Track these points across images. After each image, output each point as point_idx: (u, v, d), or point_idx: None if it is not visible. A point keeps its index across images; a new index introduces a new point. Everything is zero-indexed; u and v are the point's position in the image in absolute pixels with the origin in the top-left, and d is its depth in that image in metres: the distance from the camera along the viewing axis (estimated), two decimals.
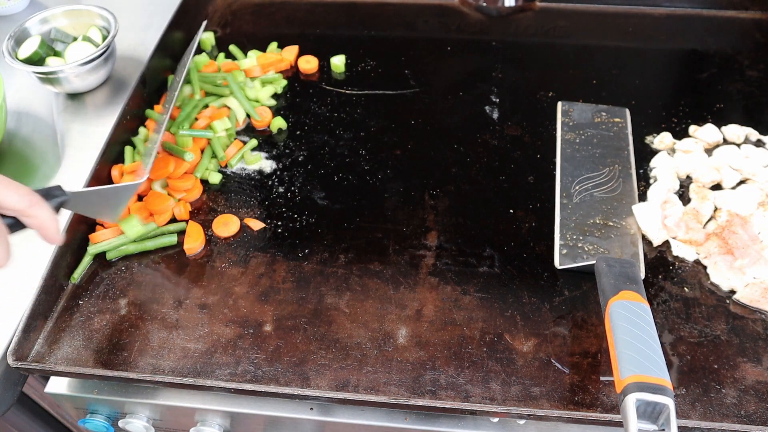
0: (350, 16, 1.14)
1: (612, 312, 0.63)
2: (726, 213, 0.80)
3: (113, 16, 1.00)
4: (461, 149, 0.91)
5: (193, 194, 0.85)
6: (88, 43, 0.99)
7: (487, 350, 0.70)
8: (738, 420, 0.64)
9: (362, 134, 0.94)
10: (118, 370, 0.69)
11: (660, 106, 0.96)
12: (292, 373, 0.68)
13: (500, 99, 0.98)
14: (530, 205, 0.84)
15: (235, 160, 0.90)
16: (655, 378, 0.56)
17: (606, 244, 0.78)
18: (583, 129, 0.92)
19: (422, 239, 0.80)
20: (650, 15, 1.12)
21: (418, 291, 0.75)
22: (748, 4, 1.12)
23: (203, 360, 0.69)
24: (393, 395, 0.66)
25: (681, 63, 1.04)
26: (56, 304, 0.75)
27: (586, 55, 1.06)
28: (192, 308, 0.74)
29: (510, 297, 0.74)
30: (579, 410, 0.65)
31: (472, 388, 0.67)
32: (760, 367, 0.68)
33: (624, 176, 0.85)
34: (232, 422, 0.74)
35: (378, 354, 0.70)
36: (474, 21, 1.12)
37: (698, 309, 0.73)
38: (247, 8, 1.16)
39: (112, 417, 0.77)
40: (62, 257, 0.76)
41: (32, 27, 1.00)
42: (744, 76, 1.01)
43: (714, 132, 0.90)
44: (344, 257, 0.79)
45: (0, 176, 0.57)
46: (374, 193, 0.86)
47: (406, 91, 1.00)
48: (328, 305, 0.74)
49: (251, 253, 0.79)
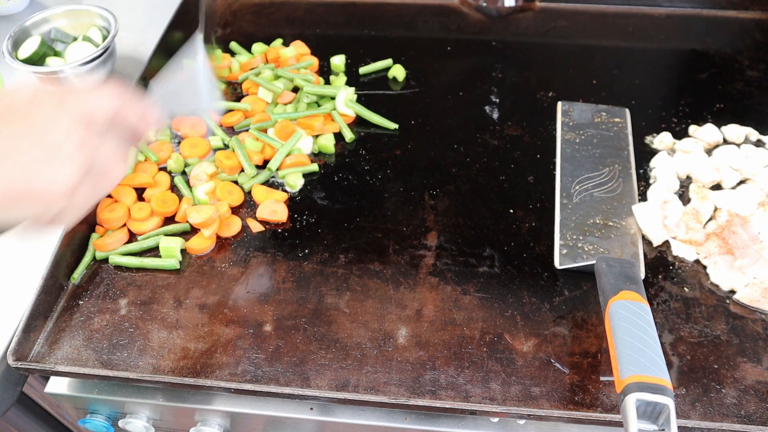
0: (350, 16, 1.14)
1: (612, 312, 0.63)
2: (726, 213, 0.80)
3: (113, 16, 1.00)
4: (461, 149, 0.91)
5: (235, 198, 0.85)
6: (88, 43, 0.99)
7: (487, 350, 0.70)
8: (738, 420, 0.64)
9: (362, 134, 0.94)
10: (118, 370, 0.69)
11: (660, 106, 0.96)
12: (292, 373, 0.68)
13: (500, 99, 0.98)
14: (530, 205, 0.84)
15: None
16: (655, 378, 0.56)
17: (606, 244, 0.78)
18: (583, 129, 0.92)
19: (422, 239, 0.80)
20: (650, 15, 1.12)
21: (418, 291, 0.75)
22: (748, 4, 1.12)
23: (203, 360, 0.69)
24: (393, 395, 0.66)
25: (681, 63, 1.04)
26: (56, 304, 0.75)
27: (586, 55, 1.06)
28: (192, 308, 0.74)
29: (510, 297, 0.74)
30: (579, 410, 0.65)
31: (472, 388, 0.67)
32: (760, 367, 0.68)
33: (624, 176, 0.86)
34: (232, 422, 0.74)
35: (378, 354, 0.70)
36: (474, 21, 1.12)
37: (698, 309, 0.73)
38: (247, 8, 1.16)
39: (112, 417, 0.77)
40: (62, 257, 0.76)
41: (32, 27, 1.00)
42: (744, 76, 1.01)
43: (714, 132, 0.90)
44: (344, 257, 0.79)
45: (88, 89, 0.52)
46: (374, 193, 0.86)
47: (406, 91, 1.00)
48: (328, 305, 0.74)
49: (251, 253, 0.79)
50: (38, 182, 0.47)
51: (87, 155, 0.49)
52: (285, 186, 0.87)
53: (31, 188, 0.47)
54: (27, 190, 0.47)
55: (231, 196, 0.84)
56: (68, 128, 0.49)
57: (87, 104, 0.51)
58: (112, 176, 0.53)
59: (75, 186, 0.49)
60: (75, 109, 0.50)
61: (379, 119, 0.94)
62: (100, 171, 0.51)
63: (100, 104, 0.52)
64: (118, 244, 0.80)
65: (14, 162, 0.47)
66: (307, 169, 0.88)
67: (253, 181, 0.86)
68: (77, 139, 0.49)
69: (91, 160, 0.50)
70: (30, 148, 0.47)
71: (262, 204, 0.84)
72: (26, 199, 0.47)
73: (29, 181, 0.47)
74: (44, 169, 0.47)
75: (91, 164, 0.50)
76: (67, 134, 0.48)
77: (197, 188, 0.84)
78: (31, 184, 0.47)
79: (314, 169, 0.88)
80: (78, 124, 0.49)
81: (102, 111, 0.52)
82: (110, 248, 0.79)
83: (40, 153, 0.47)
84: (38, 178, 0.47)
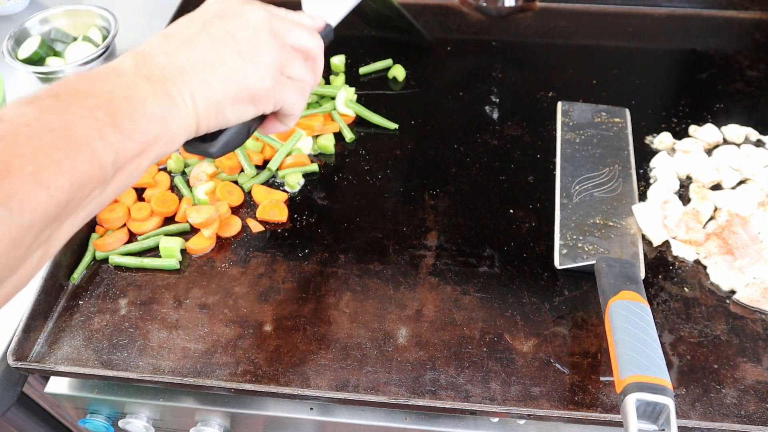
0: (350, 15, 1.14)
1: (612, 312, 0.63)
2: (726, 213, 0.80)
3: (113, 16, 1.00)
4: (461, 149, 0.91)
5: (235, 198, 0.85)
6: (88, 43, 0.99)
7: (487, 350, 0.70)
8: (738, 420, 0.64)
9: (362, 134, 0.93)
10: (118, 370, 0.69)
11: (660, 106, 0.96)
12: (292, 373, 0.68)
13: (500, 99, 0.98)
14: (530, 205, 0.84)
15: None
16: (655, 378, 0.56)
17: (606, 244, 0.78)
18: (583, 129, 0.92)
19: (422, 239, 0.80)
20: (650, 15, 1.12)
21: (418, 291, 0.75)
22: (748, 4, 1.12)
23: (203, 360, 0.69)
24: (393, 395, 0.66)
25: (681, 63, 1.04)
26: (56, 304, 0.75)
27: (586, 55, 1.06)
28: (192, 308, 0.74)
29: (510, 297, 0.74)
30: (579, 410, 0.65)
31: (472, 388, 0.67)
32: (760, 367, 0.68)
33: (624, 176, 0.86)
34: (232, 422, 0.74)
35: (378, 354, 0.70)
36: (474, 21, 1.12)
37: (698, 309, 0.73)
38: None
39: (112, 417, 0.77)
40: (62, 257, 0.76)
41: (32, 27, 1.00)
42: (744, 76, 1.00)
43: (714, 132, 0.90)
44: (344, 257, 0.79)
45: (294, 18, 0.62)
46: (374, 193, 0.86)
47: (406, 91, 1.00)
48: (328, 305, 0.74)
49: (251, 253, 0.79)
50: (250, 79, 0.54)
51: (279, 55, 0.57)
52: (285, 186, 0.87)
53: (246, 85, 0.54)
54: (244, 88, 0.54)
55: (231, 196, 0.84)
56: (264, 36, 0.56)
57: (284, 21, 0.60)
58: (308, 81, 0.62)
59: (277, 80, 0.57)
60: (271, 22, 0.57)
61: (379, 119, 0.94)
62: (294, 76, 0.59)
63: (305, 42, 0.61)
64: (118, 244, 0.80)
65: (231, 65, 0.53)
66: (307, 169, 0.88)
67: (253, 181, 0.86)
68: (270, 41, 0.56)
69: (283, 62, 0.57)
70: (236, 59, 0.54)
71: (262, 204, 0.84)
72: (243, 99, 0.54)
73: (243, 78, 0.54)
74: (248, 69, 0.54)
75: (283, 66, 0.57)
76: (259, 36, 0.56)
77: (197, 188, 0.84)
78: (245, 82, 0.54)
79: (314, 169, 0.88)
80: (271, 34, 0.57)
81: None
82: (110, 248, 0.79)
83: (243, 60, 0.54)
84: (249, 75, 0.54)
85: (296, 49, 0.60)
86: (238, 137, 0.58)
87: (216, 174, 0.87)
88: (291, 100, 0.59)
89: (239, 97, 0.54)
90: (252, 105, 0.56)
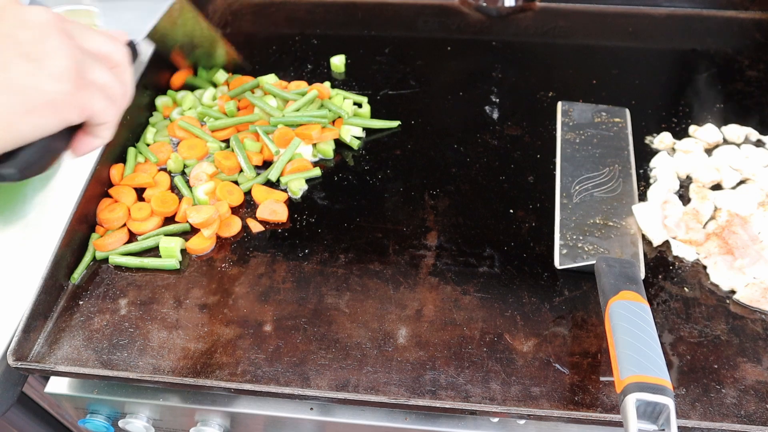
0: (350, 16, 1.14)
1: (612, 312, 0.63)
2: (726, 213, 0.80)
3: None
4: (461, 149, 0.91)
5: (235, 198, 0.85)
6: None
7: (487, 350, 0.70)
8: (738, 420, 0.64)
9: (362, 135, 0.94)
10: (118, 370, 0.69)
11: (660, 106, 0.96)
12: (292, 373, 0.68)
13: (500, 99, 0.98)
14: (530, 205, 0.84)
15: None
16: (655, 378, 0.56)
17: (606, 244, 0.78)
18: (583, 129, 0.92)
19: (422, 239, 0.80)
20: (650, 15, 1.12)
21: (418, 291, 0.75)
22: (748, 4, 1.12)
23: (203, 360, 0.69)
24: (393, 395, 0.66)
25: (681, 63, 1.04)
26: (56, 304, 0.75)
27: (586, 55, 1.06)
28: (192, 308, 0.74)
29: (510, 297, 0.74)
30: (579, 410, 0.65)
31: (472, 388, 0.67)
32: (760, 367, 0.68)
33: (624, 176, 0.86)
34: (232, 422, 0.74)
35: (378, 354, 0.70)
36: (474, 21, 1.12)
37: (698, 309, 0.73)
38: (247, 8, 1.16)
39: (112, 417, 0.77)
40: (62, 257, 0.76)
41: None
42: (744, 76, 1.01)
43: (714, 132, 0.90)
44: (344, 257, 0.79)
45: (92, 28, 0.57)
46: (374, 193, 0.86)
47: (406, 91, 1.00)
48: (328, 305, 0.74)
49: (251, 253, 0.79)
50: (44, 84, 0.49)
51: (73, 55, 0.51)
52: (287, 190, 0.86)
53: (39, 90, 0.49)
54: (38, 95, 0.49)
55: (231, 196, 0.84)
56: (56, 39, 0.51)
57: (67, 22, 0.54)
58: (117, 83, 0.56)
59: (78, 84, 0.51)
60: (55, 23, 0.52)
61: (381, 123, 0.93)
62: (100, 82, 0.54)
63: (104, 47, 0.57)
64: (118, 244, 0.80)
65: (8, 78, 0.48)
66: (310, 174, 0.87)
67: (253, 182, 0.86)
68: (61, 42, 0.51)
69: (80, 63, 0.52)
70: (21, 62, 0.49)
71: (262, 204, 0.84)
72: (38, 108, 0.49)
73: (35, 83, 0.49)
74: (40, 73, 0.49)
75: (81, 67, 0.52)
76: (49, 40, 0.51)
77: (197, 188, 0.84)
78: (38, 87, 0.49)
79: (317, 174, 0.88)
80: (60, 32, 0.51)
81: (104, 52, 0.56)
82: (110, 248, 0.79)
83: (31, 64, 0.49)
84: (42, 79, 0.49)
85: (95, 53, 0.55)
86: (43, 157, 0.52)
87: (216, 174, 0.87)
88: (99, 105, 0.54)
89: (33, 105, 0.48)
90: (53, 114, 0.50)
